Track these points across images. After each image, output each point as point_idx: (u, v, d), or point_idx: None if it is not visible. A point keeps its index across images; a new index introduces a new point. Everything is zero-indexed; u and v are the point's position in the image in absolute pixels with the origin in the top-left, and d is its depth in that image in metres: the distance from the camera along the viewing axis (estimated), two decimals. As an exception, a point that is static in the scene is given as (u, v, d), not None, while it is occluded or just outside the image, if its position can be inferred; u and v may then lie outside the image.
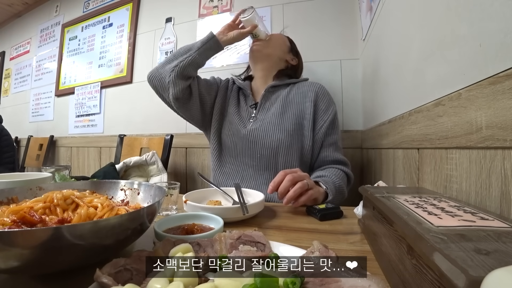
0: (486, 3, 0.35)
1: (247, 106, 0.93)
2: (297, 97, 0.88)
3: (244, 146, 0.85)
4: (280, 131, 0.82)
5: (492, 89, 0.33)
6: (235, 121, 0.90)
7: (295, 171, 0.62)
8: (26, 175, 0.68)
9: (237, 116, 0.91)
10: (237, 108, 0.94)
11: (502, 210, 0.31)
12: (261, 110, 0.89)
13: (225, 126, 0.92)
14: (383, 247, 0.31)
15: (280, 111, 0.85)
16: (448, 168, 0.43)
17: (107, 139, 1.96)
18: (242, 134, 0.85)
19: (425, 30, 0.54)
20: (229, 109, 0.94)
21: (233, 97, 0.96)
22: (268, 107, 0.89)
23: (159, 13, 1.85)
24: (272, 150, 0.82)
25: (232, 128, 0.89)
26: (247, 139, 0.84)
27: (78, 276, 0.27)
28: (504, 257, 0.16)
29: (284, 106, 0.86)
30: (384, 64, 0.86)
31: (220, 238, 0.32)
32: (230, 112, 0.93)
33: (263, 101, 0.91)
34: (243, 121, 0.90)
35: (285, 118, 0.84)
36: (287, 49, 1.00)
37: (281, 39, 1.00)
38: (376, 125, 0.95)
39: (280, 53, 0.97)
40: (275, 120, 0.84)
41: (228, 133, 0.90)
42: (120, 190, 0.47)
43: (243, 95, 0.96)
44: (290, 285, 0.21)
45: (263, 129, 0.83)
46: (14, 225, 0.28)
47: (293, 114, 0.85)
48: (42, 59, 2.46)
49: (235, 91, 0.99)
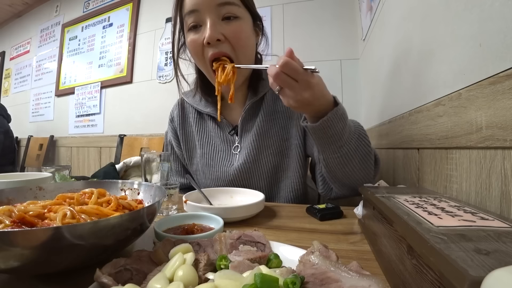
0: (486, 3, 0.35)
1: (224, 134, 0.71)
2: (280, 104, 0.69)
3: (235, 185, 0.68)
4: (273, 153, 0.68)
5: (492, 89, 0.33)
6: (216, 162, 0.70)
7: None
8: (26, 175, 0.68)
9: (216, 154, 0.70)
10: (211, 143, 0.72)
11: (502, 210, 0.31)
12: (243, 135, 0.70)
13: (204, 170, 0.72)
14: (383, 247, 0.31)
15: (265, 128, 0.68)
16: (448, 168, 0.43)
17: (107, 139, 1.96)
18: (231, 175, 0.68)
19: (425, 30, 0.54)
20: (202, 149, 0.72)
21: (198, 129, 0.74)
22: (251, 127, 0.69)
23: (159, 13, 1.85)
24: (271, 178, 0.69)
25: (216, 172, 0.69)
26: (238, 177, 0.68)
27: (78, 276, 0.27)
28: (504, 257, 0.16)
29: (268, 121, 0.68)
30: (384, 64, 0.86)
31: (220, 238, 0.32)
32: (205, 152, 0.71)
33: (244, 124, 0.69)
34: (227, 158, 0.70)
35: (272, 135, 0.68)
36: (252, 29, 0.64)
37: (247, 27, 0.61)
38: (376, 125, 0.95)
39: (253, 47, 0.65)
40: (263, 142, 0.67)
41: (212, 177, 0.70)
42: (120, 190, 0.47)
43: (212, 120, 0.73)
44: (290, 285, 0.21)
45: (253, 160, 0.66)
46: (14, 225, 0.28)
47: (280, 125, 0.69)
48: (42, 59, 2.46)
49: (195, 117, 0.74)
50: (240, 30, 0.58)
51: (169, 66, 1.79)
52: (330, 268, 0.24)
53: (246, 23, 0.61)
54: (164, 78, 1.79)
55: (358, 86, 1.28)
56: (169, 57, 1.79)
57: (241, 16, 0.59)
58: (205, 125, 0.74)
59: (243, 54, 0.60)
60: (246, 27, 0.61)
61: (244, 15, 0.60)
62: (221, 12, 0.57)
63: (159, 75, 1.81)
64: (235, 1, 0.58)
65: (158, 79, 1.81)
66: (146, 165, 0.63)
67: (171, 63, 1.78)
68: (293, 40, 1.45)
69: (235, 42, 0.58)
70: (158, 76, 1.81)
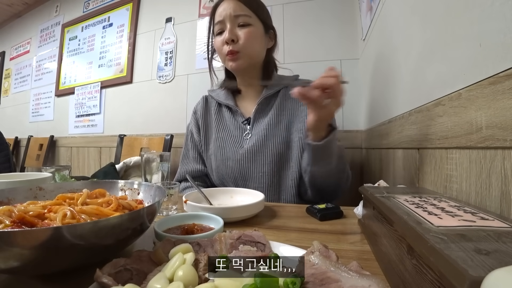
0: (486, 3, 0.35)
1: (237, 123, 0.84)
2: (291, 103, 0.82)
3: (243, 168, 0.78)
4: (280, 142, 0.77)
5: (492, 89, 0.33)
6: (228, 143, 0.81)
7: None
8: (26, 175, 0.68)
9: (229, 137, 0.83)
10: (226, 128, 0.85)
11: (502, 210, 0.31)
12: (255, 124, 0.82)
13: (216, 152, 0.83)
14: (383, 247, 0.31)
15: (275, 120, 0.80)
16: (448, 168, 0.43)
17: (107, 139, 1.96)
18: (240, 155, 0.78)
19: (425, 30, 0.54)
20: (217, 133, 0.85)
21: (217, 118, 0.87)
22: (262, 118, 0.82)
23: (159, 13, 1.85)
24: (275, 165, 0.77)
25: (227, 152, 0.81)
26: (246, 158, 0.78)
27: (78, 276, 0.27)
28: (504, 257, 0.16)
29: (278, 115, 0.81)
30: (384, 64, 0.86)
31: (220, 238, 0.32)
32: (219, 136, 0.84)
33: (257, 115, 0.82)
34: (238, 141, 0.81)
35: (281, 128, 0.79)
36: (263, 35, 0.82)
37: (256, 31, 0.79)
38: (376, 125, 0.95)
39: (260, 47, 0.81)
40: (272, 131, 0.78)
41: (223, 157, 0.81)
42: (120, 190, 0.47)
43: (229, 111, 0.87)
44: (290, 285, 0.21)
45: (261, 144, 0.77)
46: (14, 225, 0.28)
47: (288, 120, 0.80)
48: (42, 59, 2.46)
49: (216, 109, 0.89)
50: (249, 33, 0.76)
51: (169, 66, 1.78)
52: (330, 268, 0.24)
53: (257, 30, 0.78)
54: (164, 78, 1.78)
55: (358, 86, 1.28)
56: (169, 57, 1.79)
57: (253, 24, 0.77)
58: (223, 114, 0.88)
59: (249, 50, 0.78)
60: (256, 32, 0.78)
61: (256, 24, 0.78)
62: (238, 21, 0.76)
63: (159, 75, 1.80)
64: (248, 13, 0.77)
65: (158, 79, 1.81)
66: (146, 165, 0.63)
67: (171, 63, 1.78)
68: (293, 40, 1.45)
69: (244, 41, 0.76)
70: (158, 76, 1.81)
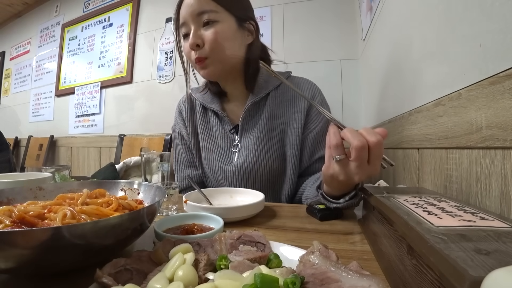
0: (486, 3, 0.35)
1: (225, 131, 0.74)
2: (283, 108, 0.72)
3: (233, 183, 0.72)
4: (274, 158, 0.70)
5: (492, 89, 0.33)
6: (215, 157, 0.73)
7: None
8: (26, 175, 0.68)
9: (216, 149, 0.74)
10: (212, 137, 0.75)
11: (502, 210, 0.31)
12: (243, 135, 0.72)
13: (205, 163, 0.76)
14: (383, 247, 0.31)
15: (266, 131, 0.70)
16: (448, 168, 0.43)
17: (107, 139, 1.96)
18: (230, 172, 0.71)
19: (425, 30, 0.54)
20: (203, 142, 0.76)
21: (202, 123, 0.77)
22: (251, 127, 0.72)
23: (159, 13, 1.85)
24: (269, 181, 0.72)
25: (214, 166, 0.73)
26: (237, 175, 0.70)
27: (78, 276, 0.27)
28: (504, 257, 0.16)
29: (269, 125, 0.71)
30: (384, 64, 0.86)
31: (220, 238, 0.32)
32: (205, 146, 0.75)
33: (245, 124, 0.72)
34: (226, 154, 0.73)
35: (273, 140, 0.71)
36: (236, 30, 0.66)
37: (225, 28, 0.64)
38: (376, 125, 0.95)
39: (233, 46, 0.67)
40: (264, 145, 0.70)
41: (211, 171, 0.75)
42: (120, 190, 0.47)
43: (215, 116, 0.76)
44: (290, 285, 0.21)
45: (252, 161, 0.69)
46: (14, 225, 0.28)
47: (280, 131, 0.71)
48: (42, 59, 2.46)
49: (201, 112, 0.78)
50: (215, 34, 0.63)
51: (169, 66, 1.78)
52: (330, 268, 0.24)
53: (226, 26, 0.65)
54: (164, 78, 1.79)
55: (358, 86, 1.28)
56: (169, 57, 1.79)
57: (220, 20, 0.64)
58: (208, 119, 0.78)
59: (219, 54, 0.65)
60: (224, 30, 0.64)
61: (225, 19, 0.65)
62: (202, 20, 0.64)
63: (159, 75, 1.80)
64: (213, 8, 0.63)
65: (158, 79, 1.81)
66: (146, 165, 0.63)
67: (171, 63, 1.78)
68: (293, 40, 1.45)
69: (210, 45, 0.64)
70: (158, 76, 1.81)
